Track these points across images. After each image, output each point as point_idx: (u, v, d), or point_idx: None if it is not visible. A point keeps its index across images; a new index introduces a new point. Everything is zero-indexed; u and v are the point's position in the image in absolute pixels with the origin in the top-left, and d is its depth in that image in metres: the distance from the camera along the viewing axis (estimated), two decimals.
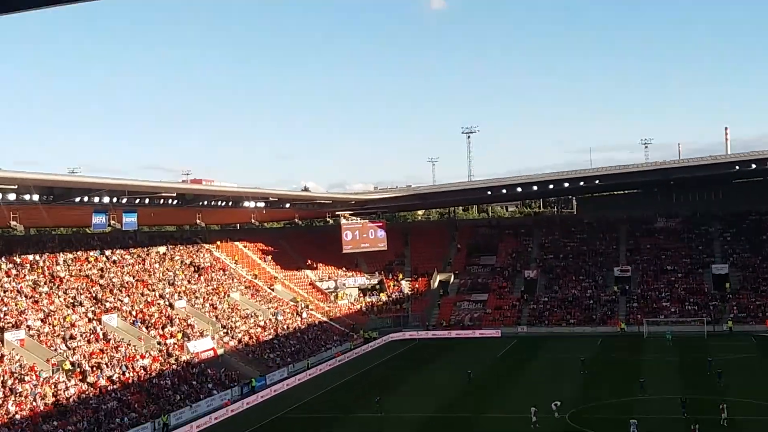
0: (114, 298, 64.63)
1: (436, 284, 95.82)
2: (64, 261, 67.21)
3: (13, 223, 53.35)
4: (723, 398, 47.01)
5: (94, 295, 63.48)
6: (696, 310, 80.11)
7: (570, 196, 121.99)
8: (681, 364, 61.96)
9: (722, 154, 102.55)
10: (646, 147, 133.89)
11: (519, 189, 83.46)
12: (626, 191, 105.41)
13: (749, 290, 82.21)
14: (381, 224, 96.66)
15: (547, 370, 61.84)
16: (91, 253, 71.25)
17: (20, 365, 49.76)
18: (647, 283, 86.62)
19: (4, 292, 57.87)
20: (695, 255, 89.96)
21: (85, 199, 53.71)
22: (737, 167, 76.22)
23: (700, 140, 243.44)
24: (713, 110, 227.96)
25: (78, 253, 69.95)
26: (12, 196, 48.44)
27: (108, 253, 72.82)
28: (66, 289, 61.95)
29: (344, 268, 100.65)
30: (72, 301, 60.84)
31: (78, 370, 52.51)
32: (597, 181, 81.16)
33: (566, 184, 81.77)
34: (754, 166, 74.29)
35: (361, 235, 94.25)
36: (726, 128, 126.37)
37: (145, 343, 59.46)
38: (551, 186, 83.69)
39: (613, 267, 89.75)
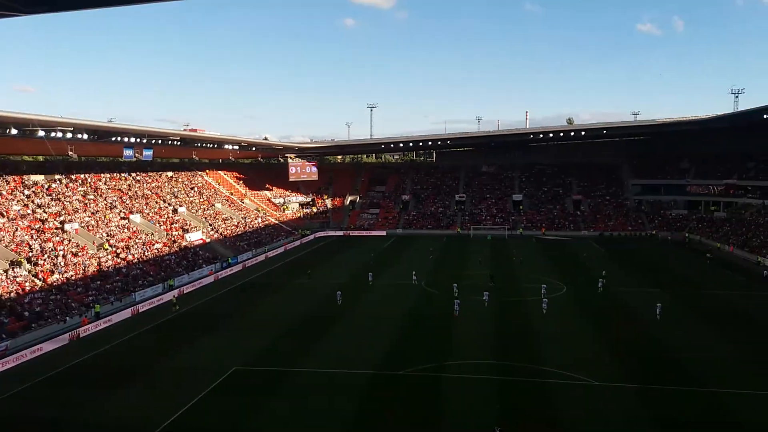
0: (138, 204, 69.94)
1: (347, 202, 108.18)
2: (104, 179, 73.09)
3: (70, 152, 61.31)
4: (519, 272, 57.80)
5: (124, 201, 69.30)
6: (502, 221, 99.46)
7: (432, 150, 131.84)
8: (492, 252, 74.34)
9: (523, 127, 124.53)
10: (479, 121, 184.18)
11: (401, 144, 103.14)
12: (465, 148, 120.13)
13: (533, 211, 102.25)
14: (314, 163, 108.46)
15: (415, 255, 71.88)
16: (123, 175, 77.55)
17: (77, 245, 55.15)
18: (474, 204, 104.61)
19: (65, 197, 63.11)
20: (503, 188, 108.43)
21: (119, 138, 60.02)
22: (531, 135, 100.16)
23: (510, 118, 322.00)
24: (519, 99, 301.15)
25: (114, 174, 76.35)
26: (69, 135, 54.28)
27: (134, 174, 79.55)
28: (105, 197, 68.17)
29: (290, 191, 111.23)
30: (110, 204, 66.75)
31: (114, 249, 56.62)
32: (448, 141, 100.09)
33: (429, 143, 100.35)
34: (541, 135, 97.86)
35: (302, 170, 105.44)
36: (527, 112, 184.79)
37: (158, 234, 64.10)
38: (420, 143, 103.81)
39: (455, 195, 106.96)
